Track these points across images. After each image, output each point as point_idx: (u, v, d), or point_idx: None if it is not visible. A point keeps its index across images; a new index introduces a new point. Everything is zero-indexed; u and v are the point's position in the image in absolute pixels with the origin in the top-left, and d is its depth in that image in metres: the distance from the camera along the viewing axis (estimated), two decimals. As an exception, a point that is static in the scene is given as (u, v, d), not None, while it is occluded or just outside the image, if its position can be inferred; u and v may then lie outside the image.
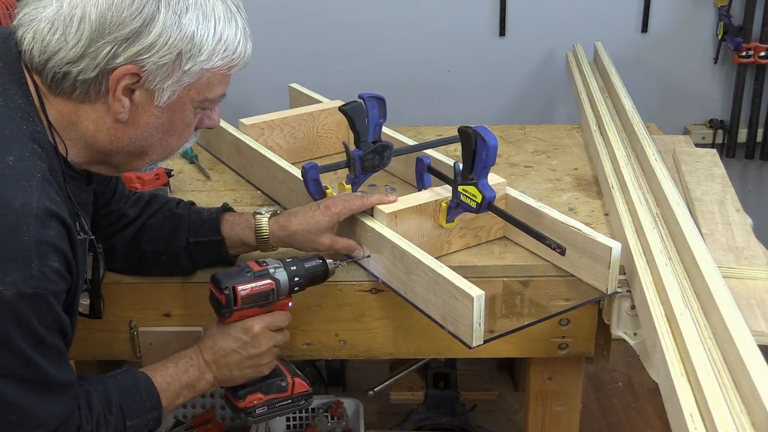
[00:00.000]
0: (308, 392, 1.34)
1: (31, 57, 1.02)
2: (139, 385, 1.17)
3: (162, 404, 1.18)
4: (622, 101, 1.90)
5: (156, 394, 1.17)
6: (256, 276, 1.23)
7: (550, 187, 1.70)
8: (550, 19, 2.49)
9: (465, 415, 2.09)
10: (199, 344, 1.26)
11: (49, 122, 1.05)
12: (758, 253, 1.38)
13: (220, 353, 1.24)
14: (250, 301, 1.23)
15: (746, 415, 0.91)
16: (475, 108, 2.54)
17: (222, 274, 1.23)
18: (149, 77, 1.02)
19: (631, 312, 1.32)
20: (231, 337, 1.24)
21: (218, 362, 1.24)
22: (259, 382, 1.28)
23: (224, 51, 1.06)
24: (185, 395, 1.22)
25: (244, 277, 1.23)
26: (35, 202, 0.95)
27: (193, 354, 1.24)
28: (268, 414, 1.30)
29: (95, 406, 1.09)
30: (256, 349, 1.24)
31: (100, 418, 1.09)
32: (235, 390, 1.28)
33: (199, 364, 1.24)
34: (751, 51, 2.46)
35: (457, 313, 1.18)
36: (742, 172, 2.67)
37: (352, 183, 1.48)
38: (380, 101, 1.44)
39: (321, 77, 2.44)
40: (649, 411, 2.37)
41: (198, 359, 1.24)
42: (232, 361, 1.24)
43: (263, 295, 1.24)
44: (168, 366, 1.22)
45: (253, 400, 1.28)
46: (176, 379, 1.21)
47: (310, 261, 1.29)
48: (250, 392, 1.28)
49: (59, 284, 0.98)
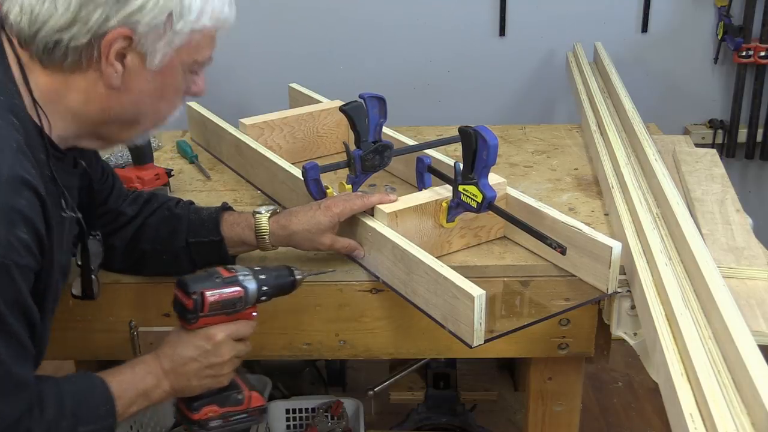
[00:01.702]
0: (264, 407, 1.28)
1: (20, 30, 1.01)
2: (95, 390, 1.10)
3: (117, 411, 1.11)
4: (622, 101, 1.90)
5: (111, 400, 1.10)
6: (225, 282, 1.18)
7: (551, 187, 1.70)
8: (550, 19, 2.49)
9: (465, 415, 2.09)
10: (158, 351, 1.19)
11: (33, 99, 1.03)
12: (758, 253, 1.38)
13: (179, 362, 1.17)
14: (217, 308, 1.18)
15: (746, 415, 0.91)
16: (475, 108, 2.54)
17: (190, 279, 1.18)
18: (141, 39, 1.02)
19: (631, 312, 1.32)
20: (192, 345, 1.18)
21: (176, 371, 1.17)
22: (215, 394, 1.22)
23: (212, 11, 1.08)
24: (140, 404, 1.15)
25: (213, 282, 1.18)
26: (6, 169, 0.92)
27: (151, 360, 1.18)
28: (222, 427, 1.23)
29: (47, 410, 1.02)
30: (218, 358, 1.19)
31: (51, 424, 1.02)
32: (190, 401, 1.22)
33: (156, 372, 1.17)
34: (751, 51, 2.46)
35: (458, 313, 1.18)
36: (742, 172, 2.67)
37: (353, 183, 1.48)
38: (380, 101, 1.44)
39: (321, 77, 2.43)
40: (649, 411, 2.37)
41: (155, 366, 1.17)
42: (191, 370, 1.18)
43: (231, 302, 1.19)
44: (125, 371, 1.15)
45: (208, 413, 1.21)
46: (132, 385, 1.14)
47: (278, 271, 1.25)
48: (205, 404, 1.21)
49: (26, 258, 0.94)
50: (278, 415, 1.97)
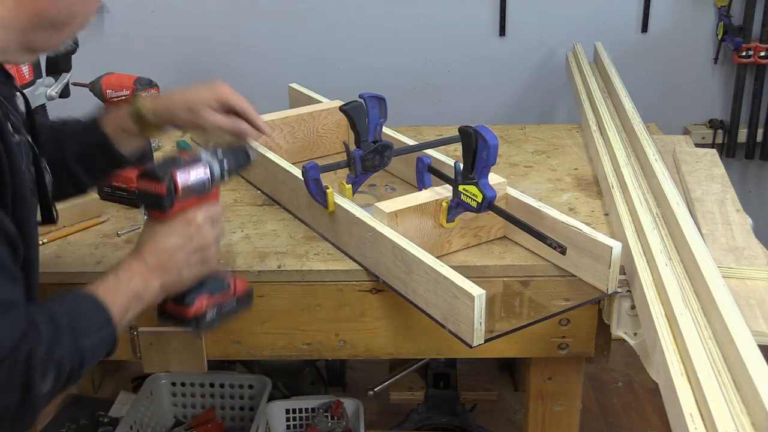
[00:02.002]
0: (251, 291, 1.25)
1: None
2: (84, 303, 1.03)
3: (113, 319, 1.04)
4: (622, 101, 1.90)
5: (104, 308, 1.03)
6: (190, 163, 1.14)
7: (551, 187, 1.70)
8: (550, 19, 2.49)
9: (465, 415, 2.09)
10: (138, 250, 1.12)
11: None
12: (758, 253, 1.38)
13: (164, 255, 1.12)
14: (189, 191, 1.13)
15: (746, 415, 0.91)
16: (475, 108, 2.55)
17: (155, 166, 1.12)
18: None
19: (631, 312, 1.32)
20: (173, 234, 1.13)
21: (164, 265, 1.11)
22: (203, 284, 1.18)
23: None
24: (134, 308, 1.08)
25: (178, 164, 1.13)
26: None
27: (132, 262, 1.11)
28: (216, 320, 1.20)
29: (44, 329, 0.94)
30: (203, 240, 1.14)
31: (52, 341, 0.95)
32: (181, 299, 1.16)
33: (141, 272, 1.10)
34: (751, 51, 2.46)
35: (458, 313, 1.18)
36: (742, 172, 2.67)
37: (353, 182, 1.48)
38: (380, 101, 1.44)
39: (321, 77, 2.44)
40: (649, 411, 2.37)
41: (140, 266, 1.10)
42: (179, 259, 1.13)
43: (200, 183, 1.15)
44: (108, 280, 1.08)
45: (202, 305, 1.17)
46: (121, 291, 1.07)
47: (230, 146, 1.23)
48: (197, 295, 1.17)
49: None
50: (278, 415, 1.97)
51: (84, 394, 2.20)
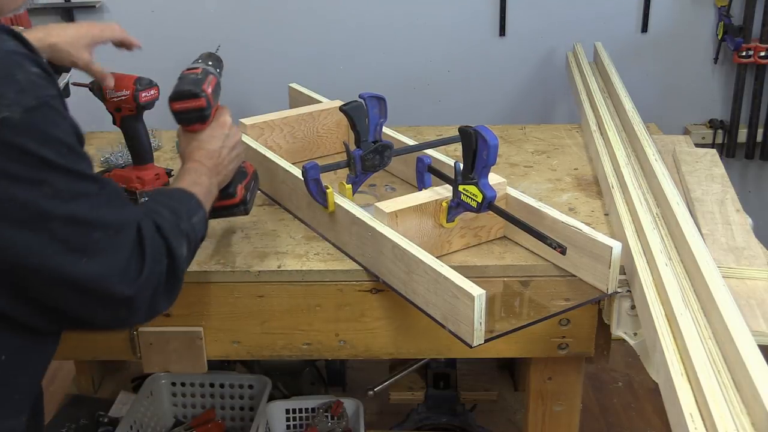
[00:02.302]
0: (255, 170, 1.42)
1: None
2: (177, 193, 1.16)
3: (203, 204, 1.17)
4: (622, 101, 1.90)
5: (194, 195, 1.17)
6: (204, 75, 1.29)
7: (550, 187, 1.70)
8: (550, 19, 2.49)
9: (465, 415, 2.09)
10: (193, 156, 1.25)
11: None
12: (758, 253, 1.38)
13: (215, 156, 1.26)
14: (216, 97, 1.29)
15: (746, 415, 0.91)
16: (475, 108, 2.55)
17: (184, 85, 1.26)
18: None
19: (631, 312, 1.32)
20: (214, 138, 1.27)
21: (218, 165, 1.26)
22: (235, 175, 1.33)
23: None
24: (208, 201, 1.21)
25: (199, 79, 1.27)
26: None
27: (196, 165, 1.24)
28: (250, 200, 1.37)
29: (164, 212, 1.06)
30: (236, 136, 1.30)
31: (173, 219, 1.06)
32: (225, 191, 1.31)
33: (205, 172, 1.23)
34: (751, 51, 2.46)
35: (458, 313, 1.18)
36: (742, 172, 2.67)
37: (353, 182, 1.48)
38: (380, 101, 1.44)
39: (321, 77, 2.44)
40: (649, 411, 2.37)
41: (202, 168, 1.24)
42: (225, 158, 1.27)
43: (217, 87, 1.31)
44: (184, 178, 1.21)
45: (242, 191, 1.34)
46: (198, 186, 1.20)
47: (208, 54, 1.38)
48: (237, 183, 1.33)
49: (51, 89, 0.90)
50: (278, 415, 1.97)
51: (84, 394, 2.20)
